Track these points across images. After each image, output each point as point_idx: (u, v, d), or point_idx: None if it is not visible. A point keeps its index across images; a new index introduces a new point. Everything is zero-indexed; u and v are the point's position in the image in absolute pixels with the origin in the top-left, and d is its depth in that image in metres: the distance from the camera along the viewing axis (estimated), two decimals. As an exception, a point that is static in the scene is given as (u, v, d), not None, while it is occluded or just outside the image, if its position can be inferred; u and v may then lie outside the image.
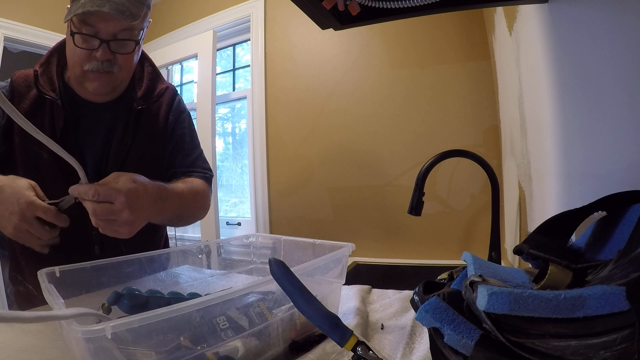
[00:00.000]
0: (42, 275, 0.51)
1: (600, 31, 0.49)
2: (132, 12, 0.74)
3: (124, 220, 0.62)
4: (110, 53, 0.78)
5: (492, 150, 1.34)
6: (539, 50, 0.63)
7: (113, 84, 0.84)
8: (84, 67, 0.79)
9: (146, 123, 0.91)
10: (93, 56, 0.77)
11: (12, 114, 0.49)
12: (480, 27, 1.39)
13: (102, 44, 0.76)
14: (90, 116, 0.87)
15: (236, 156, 2.47)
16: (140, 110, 0.90)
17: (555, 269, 0.36)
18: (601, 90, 0.50)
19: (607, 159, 0.50)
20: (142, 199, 0.65)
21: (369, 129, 1.63)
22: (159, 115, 0.94)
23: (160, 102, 0.94)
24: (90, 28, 0.75)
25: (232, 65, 2.36)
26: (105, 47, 0.77)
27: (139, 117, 0.90)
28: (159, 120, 0.94)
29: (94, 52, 0.77)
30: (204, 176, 0.95)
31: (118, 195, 0.61)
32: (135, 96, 0.90)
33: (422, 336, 0.58)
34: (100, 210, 0.60)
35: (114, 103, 0.89)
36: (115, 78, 0.83)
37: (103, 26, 0.75)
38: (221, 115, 2.52)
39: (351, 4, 0.56)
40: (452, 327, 0.32)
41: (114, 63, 0.80)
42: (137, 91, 0.91)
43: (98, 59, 0.77)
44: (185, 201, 0.83)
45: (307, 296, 0.41)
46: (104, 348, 0.35)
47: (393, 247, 1.53)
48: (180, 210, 0.82)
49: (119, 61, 0.81)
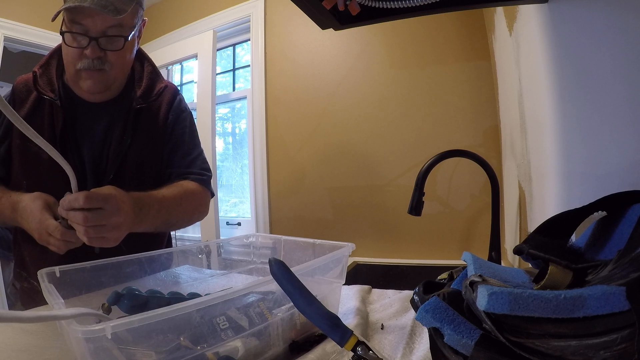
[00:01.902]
0: (42, 275, 0.51)
1: (600, 31, 0.49)
2: (117, 7, 0.75)
3: (113, 224, 0.64)
4: (100, 50, 0.78)
5: (492, 150, 1.34)
6: (539, 50, 0.63)
7: (106, 82, 0.84)
8: (76, 66, 0.79)
9: (145, 122, 0.91)
10: (84, 54, 0.78)
11: (12, 118, 0.49)
12: (480, 27, 1.39)
13: (91, 41, 0.77)
14: (89, 116, 0.87)
15: (236, 156, 2.47)
16: (140, 109, 0.90)
17: (555, 269, 0.36)
18: (601, 90, 0.50)
19: (607, 159, 0.50)
20: (127, 205, 0.68)
21: (369, 129, 1.63)
22: (159, 115, 0.94)
23: (159, 101, 0.94)
24: (79, 26, 0.76)
25: (232, 65, 2.36)
26: (95, 45, 0.77)
27: (138, 116, 0.90)
28: (159, 120, 0.93)
29: (84, 50, 0.77)
30: (200, 178, 0.94)
31: (109, 199, 0.63)
32: (134, 95, 0.90)
33: (422, 336, 0.58)
34: (92, 216, 0.61)
35: (112, 102, 0.89)
36: (107, 76, 0.83)
37: (90, 23, 0.75)
38: (221, 115, 2.52)
39: (351, 4, 0.56)
40: (452, 327, 0.32)
41: (104, 61, 0.80)
42: (137, 90, 0.91)
43: (88, 57, 0.78)
44: (170, 207, 0.83)
45: (307, 296, 0.41)
46: (104, 348, 0.35)
47: (393, 247, 1.53)
48: (165, 216, 0.82)
49: (109, 58, 0.80)
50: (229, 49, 2.34)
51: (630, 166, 0.46)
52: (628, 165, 0.47)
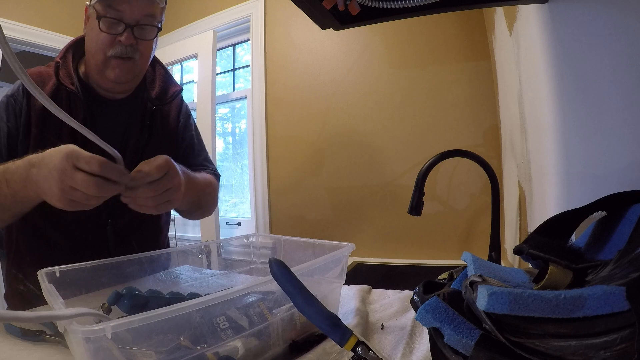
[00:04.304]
0: (42, 275, 0.51)
1: (600, 31, 0.49)
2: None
3: (176, 185, 0.67)
4: (134, 38, 0.79)
5: (492, 150, 1.34)
6: (539, 50, 0.63)
7: (134, 72, 0.84)
8: (107, 53, 0.79)
9: (159, 124, 0.93)
10: (117, 41, 0.78)
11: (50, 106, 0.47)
12: (480, 27, 1.39)
13: (126, 28, 0.77)
14: (107, 113, 0.87)
15: (236, 156, 2.47)
16: (154, 111, 0.91)
17: (555, 269, 0.36)
18: (601, 90, 0.50)
19: (607, 159, 0.50)
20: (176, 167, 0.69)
21: (369, 129, 1.63)
22: (170, 117, 0.96)
23: (171, 105, 0.96)
24: (115, 12, 0.76)
25: (232, 65, 2.36)
26: (130, 32, 0.78)
27: (153, 118, 0.91)
28: (171, 122, 0.96)
29: (118, 37, 0.78)
30: (213, 173, 0.99)
31: (169, 162, 0.65)
32: (148, 96, 0.92)
33: (422, 336, 0.58)
34: (162, 183, 0.63)
35: (128, 100, 0.90)
36: (136, 66, 0.83)
37: (128, 10, 0.77)
38: (221, 115, 2.52)
39: (351, 4, 0.56)
40: (452, 327, 0.32)
41: (136, 49, 0.81)
42: (150, 92, 0.92)
43: (122, 43, 0.78)
44: (203, 190, 0.87)
45: (307, 296, 0.41)
46: (104, 348, 0.35)
47: (393, 247, 1.53)
48: (199, 197, 0.86)
49: (140, 48, 0.82)
50: (229, 49, 2.33)
51: (630, 166, 0.47)
52: (628, 165, 0.47)
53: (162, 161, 0.65)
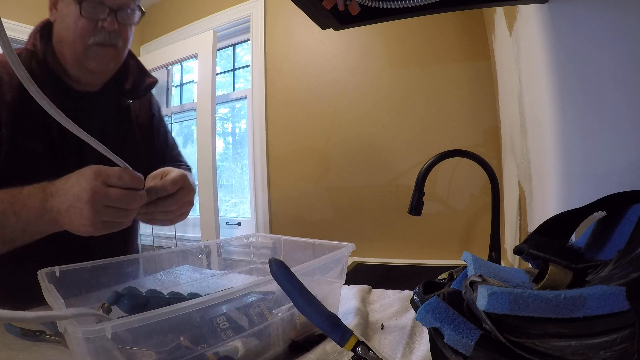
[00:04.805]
0: (42, 275, 0.51)
1: (600, 31, 0.49)
2: None
3: (191, 199, 0.68)
4: (117, 23, 0.74)
5: (492, 150, 1.34)
6: (539, 50, 0.63)
7: (115, 60, 0.80)
8: (87, 40, 0.73)
9: (135, 117, 0.90)
10: (100, 27, 0.73)
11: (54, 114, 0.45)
12: (480, 27, 1.39)
13: (110, 12, 0.72)
14: (82, 108, 0.82)
15: (236, 156, 2.47)
16: (129, 104, 0.89)
17: (555, 269, 0.36)
18: (601, 90, 0.50)
19: (607, 159, 0.50)
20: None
21: (369, 129, 1.63)
22: (144, 110, 0.94)
23: (144, 98, 0.94)
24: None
25: (232, 65, 2.36)
26: (113, 17, 0.73)
27: (128, 111, 0.89)
28: (145, 115, 0.94)
29: (101, 23, 0.72)
30: (188, 169, 0.98)
31: (183, 176, 0.66)
32: (122, 89, 0.87)
33: (422, 336, 0.58)
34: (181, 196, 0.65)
35: (100, 94, 0.84)
36: (118, 54, 0.79)
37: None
38: (221, 115, 2.52)
39: (351, 4, 0.56)
40: (452, 327, 0.32)
41: (119, 35, 0.76)
42: (123, 84, 0.88)
43: (106, 29, 0.73)
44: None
45: (307, 296, 0.41)
46: (104, 348, 0.35)
47: (393, 247, 1.53)
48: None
49: (122, 34, 0.77)
50: (229, 49, 2.33)
51: (630, 166, 0.47)
52: (628, 165, 0.47)
53: (176, 175, 0.65)
